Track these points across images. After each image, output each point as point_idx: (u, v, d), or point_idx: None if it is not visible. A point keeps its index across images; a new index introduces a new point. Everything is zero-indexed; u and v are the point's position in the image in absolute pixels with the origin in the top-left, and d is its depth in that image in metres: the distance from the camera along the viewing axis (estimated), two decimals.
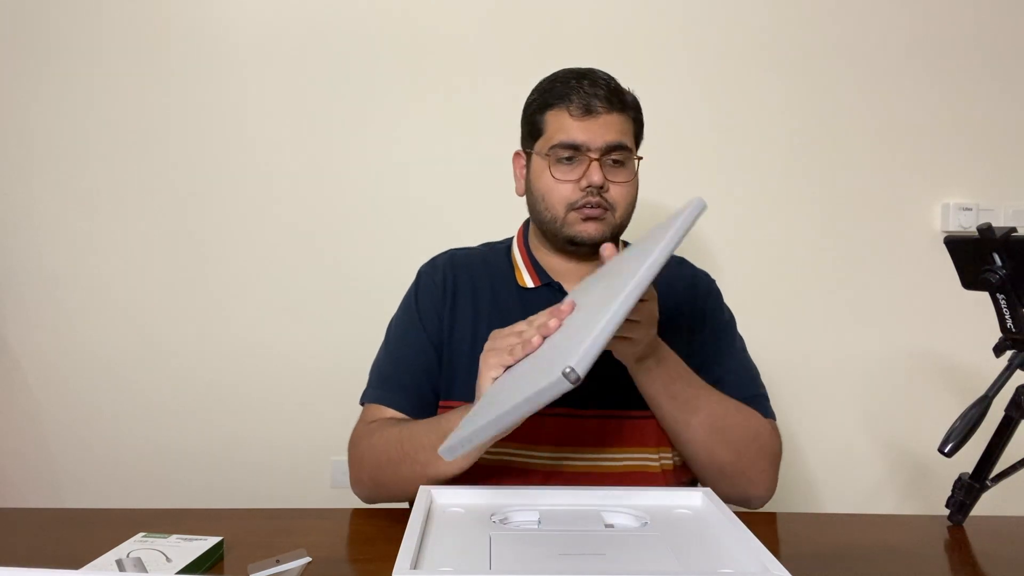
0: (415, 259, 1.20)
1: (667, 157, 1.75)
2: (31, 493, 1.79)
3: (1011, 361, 0.92)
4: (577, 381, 0.62)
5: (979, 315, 1.05)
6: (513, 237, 1.18)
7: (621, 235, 1.10)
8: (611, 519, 0.81)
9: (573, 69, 1.09)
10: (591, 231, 1.04)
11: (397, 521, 0.82)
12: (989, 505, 0.99)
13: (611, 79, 1.08)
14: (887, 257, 1.81)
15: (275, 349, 1.78)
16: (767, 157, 1.79)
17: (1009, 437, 0.96)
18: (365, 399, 1.09)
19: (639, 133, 1.12)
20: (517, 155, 1.15)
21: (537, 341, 0.80)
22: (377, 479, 1.00)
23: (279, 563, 0.79)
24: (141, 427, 1.78)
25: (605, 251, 0.94)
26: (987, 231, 0.88)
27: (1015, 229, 0.88)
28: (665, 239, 0.75)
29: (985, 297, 0.92)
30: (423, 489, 0.85)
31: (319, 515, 0.99)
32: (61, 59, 1.74)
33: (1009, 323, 0.90)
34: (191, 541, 0.82)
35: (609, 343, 0.67)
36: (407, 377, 1.08)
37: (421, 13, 1.74)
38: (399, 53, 1.75)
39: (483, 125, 1.73)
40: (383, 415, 1.05)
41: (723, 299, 1.18)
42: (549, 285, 1.10)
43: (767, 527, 0.95)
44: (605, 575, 0.68)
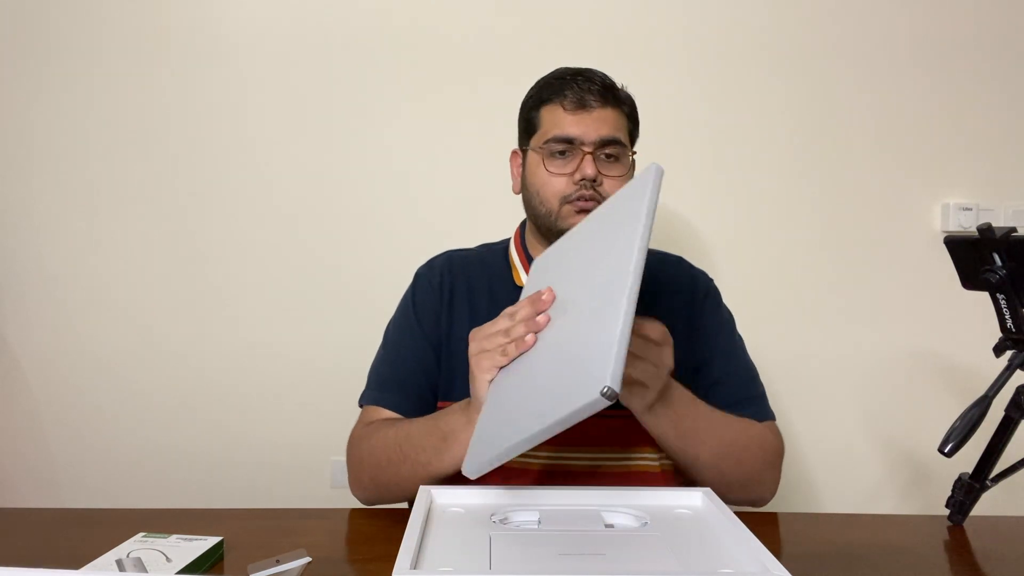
0: (415, 260, 1.20)
1: (667, 157, 1.74)
2: (31, 493, 1.79)
3: (1011, 361, 0.91)
4: (614, 397, 0.64)
5: (979, 315, 1.05)
6: (510, 238, 1.18)
7: None
8: (611, 519, 0.81)
9: (569, 68, 1.10)
10: None
11: (397, 521, 0.82)
12: (989, 505, 0.99)
13: (606, 76, 1.09)
14: (887, 257, 1.81)
15: (275, 349, 1.78)
16: (767, 157, 1.79)
17: (1009, 437, 0.96)
18: (363, 401, 1.09)
19: (634, 130, 1.12)
20: (514, 154, 1.15)
21: (531, 340, 0.80)
22: (377, 480, 1.00)
23: (279, 563, 0.79)
24: (141, 427, 1.79)
25: None
26: (987, 231, 0.88)
27: (1015, 229, 0.88)
28: (641, 221, 0.74)
29: (985, 297, 0.92)
30: (423, 489, 0.85)
31: (319, 515, 0.99)
32: (61, 59, 1.74)
33: (1009, 323, 0.90)
34: (191, 541, 0.82)
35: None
36: (405, 378, 1.08)
37: (420, 14, 1.74)
38: (398, 54, 1.75)
39: (482, 126, 1.73)
40: (381, 417, 1.05)
41: (722, 299, 1.18)
42: None
43: (767, 527, 0.95)
44: (605, 575, 0.68)
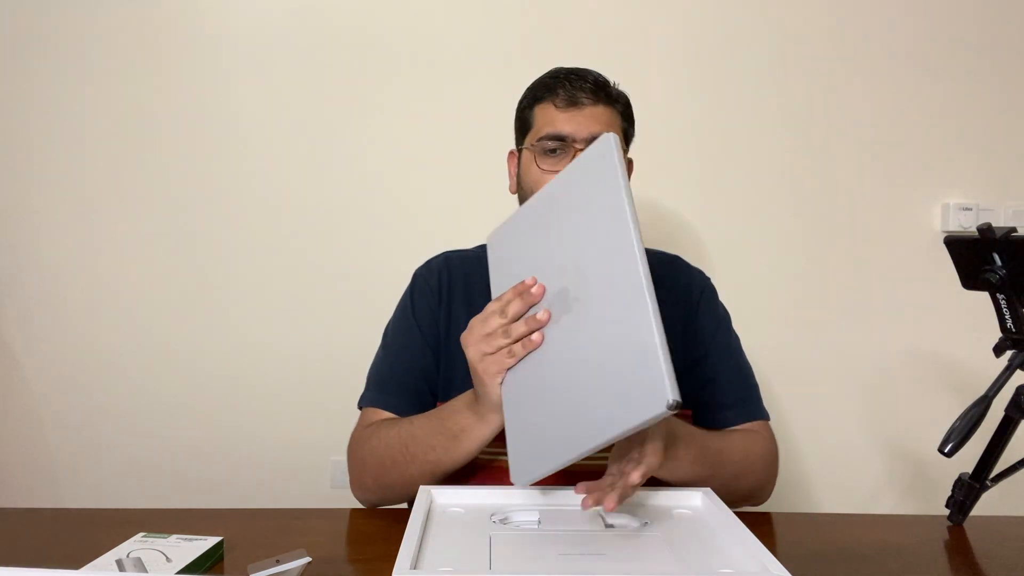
0: (414, 260, 1.20)
1: (666, 157, 1.76)
2: (31, 493, 1.79)
3: (1011, 361, 0.91)
4: (679, 407, 0.66)
5: (979, 315, 1.05)
6: None
7: None
8: (611, 519, 0.81)
9: (563, 67, 1.11)
10: None
11: (397, 521, 0.82)
12: (989, 505, 0.99)
13: (599, 75, 1.09)
14: (887, 257, 1.81)
15: (275, 349, 1.78)
16: (766, 157, 1.79)
17: (1009, 437, 0.96)
18: (363, 402, 1.09)
19: (629, 129, 1.12)
20: (511, 154, 1.16)
21: (539, 338, 0.79)
22: (382, 481, 0.99)
23: (279, 563, 0.79)
24: (141, 427, 1.79)
25: None
26: (987, 231, 0.88)
27: (1015, 229, 0.88)
28: (623, 200, 0.74)
29: (985, 297, 0.92)
30: (423, 489, 0.85)
31: (319, 515, 0.99)
32: (60, 59, 1.74)
33: (1009, 323, 0.90)
34: (191, 541, 0.82)
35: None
36: (405, 380, 1.07)
37: (418, 14, 1.74)
38: (399, 54, 1.75)
39: (482, 126, 1.72)
40: (381, 418, 1.05)
41: (718, 296, 1.18)
42: None
43: (766, 527, 0.95)
44: (605, 575, 0.68)
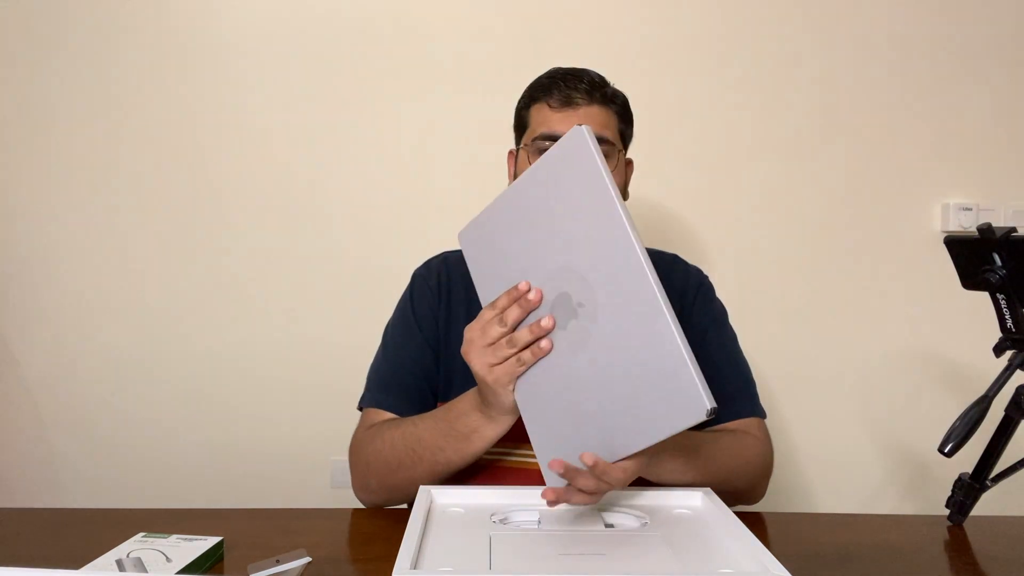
0: (414, 260, 1.20)
1: (665, 157, 1.76)
2: (31, 493, 1.79)
3: (1011, 361, 0.91)
4: (715, 412, 0.68)
5: (979, 315, 1.05)
6: None
7: None
8: (611, 519, 0.81)
9: (561, 67, 1.11)
10: None
11: (397, 521, 0.82)
12: (989, 505, 0.99)
13: (597, 76, 1.09)
14: (887, 257, 1.81)
15: (275, 350, 1.78)
16: (767, 157, 1.79)
17: (1009, 437, 0.96)
18: (363, 403, 1.08)
19: (626, 130, 1.12)
20: (510, 153, 1.16)
21: (548, 345, 0.78)
22: (388, 483, 0.99)
23: (279, 563, 0.79)
24: (141, 427, 1.79)
25: None
26: (987, 231, 0.88)
27: (1015, 229, 0.88)
28: (611, 198, 0.73)
29: (985, 297, 0.92)
30: (423, 489, 0.85)
31: (319, 515, 0.99)
32: (60, 58, 1.74)
33: (1009, 323, 0.90)
34: (191, 541, 0.82)
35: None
36: (405, 381, 1.07)
37: (420, 15, 1.74)
38: (398, 55, 1.75)
39: (481, 127, 1.73)
40: (382, 419, 1.05)
41: (715, 293, 1.18)
42: None
43: (766, 527, 0.95)
44: (605, 575, 0.68)
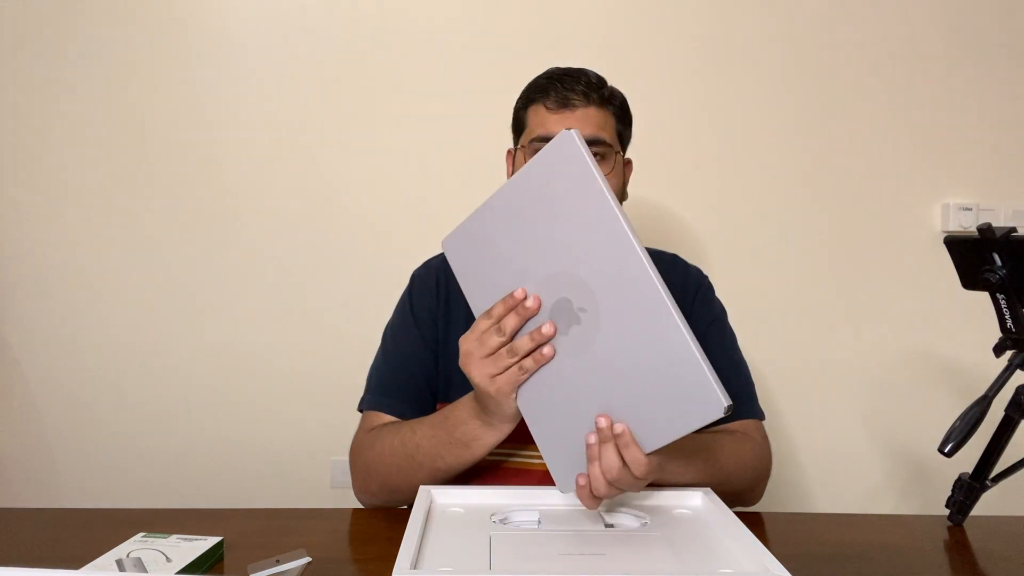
0: (413, 260, 1.20)
1: (665, 156, 1.76)
2: (31, 493, 1.79)
3: (1011, 361, 0.91)
4: (731, 409, 0.69)
5: (979, 315, 1.05)
6: None
7: None
8: (611, 519, 0.81)
9: (559, 68, 1.10)
10: None
11: (397, 521, 0.82)
12: (989, 505, 0.99)
13: (595, 76, 1.08)
14: (887, 257, 1.81)
15: (275, 349, 1.78)
16: (766, 157, 1.79)
17: (1009, 437, 0.96)
18: (363, 406, 1.08)
19: (624, 131, 1.11)
20: (508, 153, 1.16)
21: (549, 352, 0.78)
22: (389, 486, 0.99)
23: (279, 563, 0.79)
24: (141, 427, 1.79)
25: None
26: (987, 231, 0.88)
27: (1015, 229, 0.88)
28: (607, 201, 0.73)
29: (985, 297, 0.92)
30: (423, 489, 0.85)
31: (319, 515, 0.98)
32: (56, 58, 1.74)
33: (1009, 323, 0.90)
34: (191, 541, 0.82)
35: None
36: (405, 382, 1.07)
37: (420, 16, 1.75)
38: (396, 55, 1.75)
39: (481, 127, 1.72)
40: (382, 422, 1.04)
41: (714, 292, 1.17)
42: None
43: (765, 527, 0.95)
44: (605, 575, 0.68)
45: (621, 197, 1.10)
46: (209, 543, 0.81)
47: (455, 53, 1.75)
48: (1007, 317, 0.90)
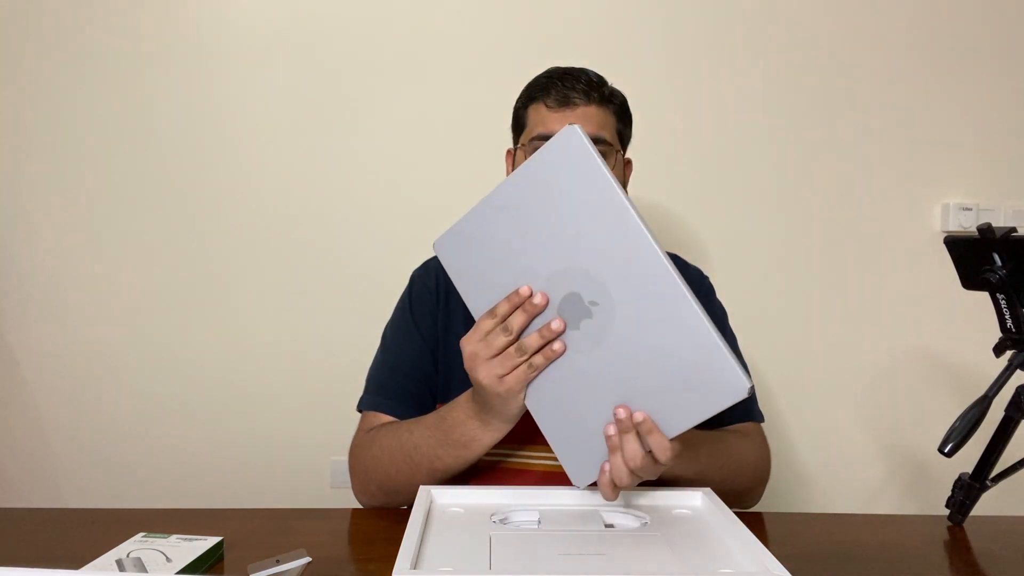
0: (414, 260, 1.20)
1: (666, 157, 1.76)
2: (31, 493, 1.79)
3: (1011, 361, 0.91)
4: (752, 391, 0.70)
5: (979, 315, 1.05)
6: None
7: None
8: (611, 519, 0.81)
9: (559, 67, 1.10)
10: None
11: (397, 521, 0.82)
12: (989, 505, 0.99)
13: (595, 75, 1.09)
14: (887, 257, 1.81)
15: (275, 349, 1.78)
16: (766, 157, 1.79)
17: (1009, 437, 0.96)
18: (362, 406, 1.08)
19: (624, 130, 1.11)
20: (508, 153, 1.16)
21: (560, 347, 0.78)
22: (388, 487, 0.99)
23: (279, 563, 0.79)
24: (141, 427, 1.79)
25: None
26: (987, 231, 0.88)
27: (1015, 229, 0.88)
28: (615, 192, 0.74)
29: (985, 297, 0.92)
30: (423, 489, 0.84)
31: (319, 515, 0.98)
32: (58, 58, 1.74)
33: (1009, 323, 0.90)
34: (191, 541, 0.82)
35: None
36: (404, 382, 1.07)
37: (420, 15, 1.75)
38: (396, 54, 1.75)
39: (481, 126, 1.73)
40: (381, 422, 1.04)
41: (715, 293, 1.17)
42: None
43: (765, 527, 0.95)
44: (605, 575, 0.68)
45: None
46: (209, 543, 0.81)
47: (454, 53, 1.75)
48: (1007, 317, 0.90)
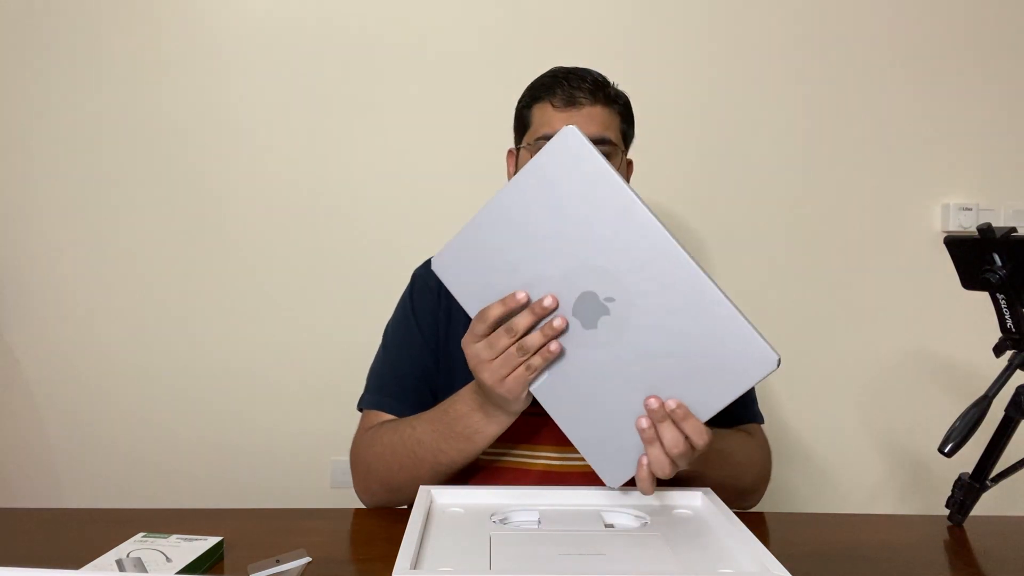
0: (414, 259, 1.20)
1: (664, 156, 1.76)
2: (31, 493, 1.79)
3: (1011, 361, 0.91)
4: (780, 363, 0.72)
5: (979, 315, 1.05)
6: None
7: None
8: (611, 519, 0.81)
9: (563, 67, 1.10)
10: None
11: (397, 521, 0.82)
12: (989, 505, 0.99)
13: (599, 76, 1.09)
14: (887, 257, 1.81)
15: (275, 349, 1.78)
16: (766, 158, 1.79)
17: (1009, 437, 0.96)
18: (363, 405, 1.08)
19: (628, 131, 1.11)
20: (510, 153, 1.16)
21: (556, 348, 0.78)
22: (390, 485, 0.99)
23: (279, 563, 0.79)
24: (141, 427, 1.79)
25: None
26: (987, 231, 0.88)
27: (1015, 229, 0.88)
28: (625, 187, 0.75)
29: (985, 297, 0.92)
30: (423, 489, 0.84)
31: (319, 515, 0.98)
32: (62, 59, 1.74)
33: (1009, 323, 0.90)
34: (191, 541, 0.82)
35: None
36: (405, 381, 1.07)
37: (421, 15, 1.75)
38: (396, 55, 1.75)
39: (482, 126, 1.73)
40: (381, 421, 1.04)
41: None
42: None
43: (766, 527, 0.95)
44: (605, 575, 0.68)
45: None
46: (209, 543, 0.81)
47: (455, 53, 1.75)
48: (1007, 317, 0.90)
